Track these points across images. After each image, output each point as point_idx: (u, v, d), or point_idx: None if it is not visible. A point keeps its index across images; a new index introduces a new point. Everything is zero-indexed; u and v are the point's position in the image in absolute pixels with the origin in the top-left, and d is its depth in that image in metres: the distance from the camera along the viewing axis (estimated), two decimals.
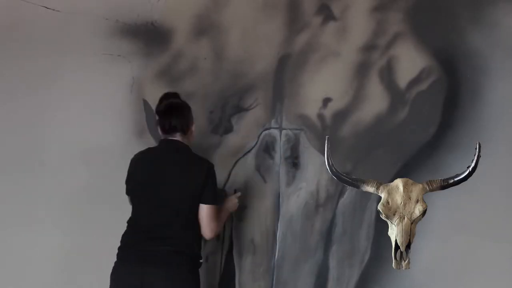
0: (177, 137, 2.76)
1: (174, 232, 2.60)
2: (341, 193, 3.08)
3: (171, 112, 2.74)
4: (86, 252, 3.15)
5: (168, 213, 2.61)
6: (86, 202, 2.97)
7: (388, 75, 3.10)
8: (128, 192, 2.75)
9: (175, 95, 2.86)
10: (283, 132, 3.17)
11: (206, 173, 2.68)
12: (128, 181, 2.73)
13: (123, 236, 2.68)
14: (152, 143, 3.10)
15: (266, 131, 3.18)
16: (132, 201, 2.72)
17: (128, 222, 2.74)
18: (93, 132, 3.17)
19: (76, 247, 3.17)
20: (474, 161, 2.14)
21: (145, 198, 2.65)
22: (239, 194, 3.02)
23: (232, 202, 2.95)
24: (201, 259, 2.77)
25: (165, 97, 2.84)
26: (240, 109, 3.22)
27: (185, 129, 2.76)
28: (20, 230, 3.31)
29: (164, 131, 2.75)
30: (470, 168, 2.14)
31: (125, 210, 2.80)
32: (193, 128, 2.83)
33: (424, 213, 2.10)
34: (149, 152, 2.78)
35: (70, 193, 3.28)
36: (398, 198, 2.11)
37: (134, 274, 2.54)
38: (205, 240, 2.91)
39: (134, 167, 2.73)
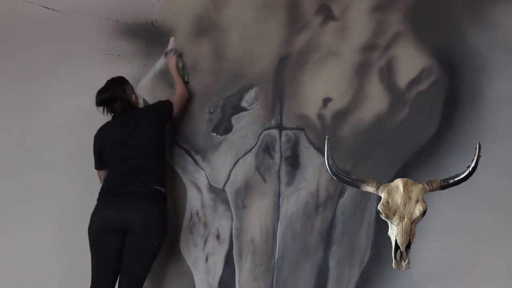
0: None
1: (141, 175, 2.95)
2: (341, 193, 3.08)
3: (109, 102, 3.04)
4: (83, 251, 3.13)
5: (135, 160, 2.97)
6: (84, 202, 2.96)
7: (388, 75, 3.10)
8: (100, 158, 3.08)
9: (105, 90, 3.04)
10: (283, 132, 3.17)
11: (147, 110, 3.11)
12: (99, 151, 3.07)
13: (102, 187, 3.02)
14: None
15: (266, 131, 3.18)
16: (108, 161, 3.05)
17: (105, 178, 3.04)
18: (93, 132, 3.17)
19: (73, 245, 3.16)
20: (474, 161, 2.14)
21: (117, 155, 3.01)
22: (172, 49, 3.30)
23: (170, 60, 3.27)
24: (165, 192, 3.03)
25: (98, 94, 3.05)
26: (240, 109, 3.22)
27: (128, 106, 3.06)
28: (18, 228, 3.32)
29: (111, 112, 3.09)
30: (470, 168, 2.14)
31: None
32: (134, 98, 3.13)
33: (424, 213, 2.10)
34: (108, 122, 3.10)
35: (68, 192, 3.29)
36: (398, 198, 2.11)
37: (112, 211, 2.90)
38: (206, 239, 2.94)
39: (100, 138, 3.08)
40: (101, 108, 3.07)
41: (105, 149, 3.05)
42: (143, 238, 2.87)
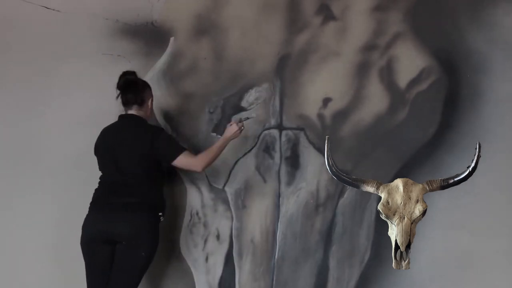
0: (133, 109, 3.00)
1: (132, 187, 2.90)
2: (341, 193, 3.08)
3: (127, 87, 3.00)
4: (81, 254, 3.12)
5: (126, 172, 2.91)
6: (84, 203, 2.96)
7: (388, 75, 3.10)
8: (98, 160, 3.04)
9: (131, 73, 3.04)
10: (283, 132, 3.17)
11: (152, 135, 2.94)
12: (96, 151, 3.04)
13: (94, 193, 2.98)
14: None
15: (266, 131, 3.18)
16: (100, 165, 3.02)
17: (96, 189, 2.98)
18: (93, 132, 3.16)
19: (71, 248, 3.15)
20: (474, 161, 2.15)
21: (108, 161, 2.96)
22: (242, 122, 3.10)
23: (232, 129, 3.04)
24: (160, 212, 2.96)
25: (123, 75, 3.02)
26: (240, 109, 3.22)
27: (139, 102, 3.00)
28: (15, 229, 3.32)
29: (123, 103, 3.03)
30: (470, 168, 2.14)
31: None
32: (150, 103, 3.04)
33: (424, 213, 2.10)
34: (111, 126, 3.05)
35: (67, 193, 3.28)
36: (398, 198, 2.11)
37: (100, 221, 2.87)
38: (206, 239, 2.95)
39: (99, 139, 3.04)
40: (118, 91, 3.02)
41: (97, 153, 3.01)
42: (131, 249, 2.83)
